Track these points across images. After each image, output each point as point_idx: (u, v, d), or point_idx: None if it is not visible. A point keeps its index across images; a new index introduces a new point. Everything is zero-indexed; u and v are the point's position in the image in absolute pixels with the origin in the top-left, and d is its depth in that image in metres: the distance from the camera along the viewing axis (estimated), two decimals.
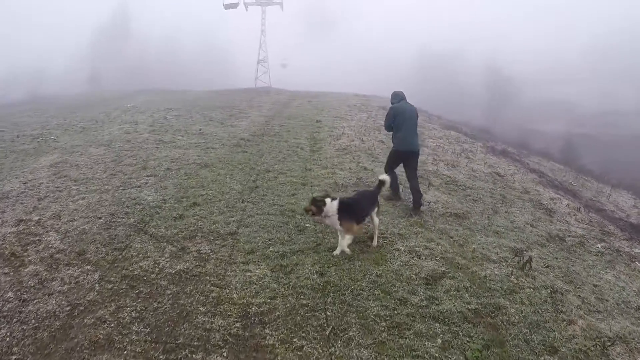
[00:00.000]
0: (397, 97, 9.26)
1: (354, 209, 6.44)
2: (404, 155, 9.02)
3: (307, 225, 7.54)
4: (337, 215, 6.26)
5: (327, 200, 6.33)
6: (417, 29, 55.39)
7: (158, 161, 11.40)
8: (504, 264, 7.01)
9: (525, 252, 7.52)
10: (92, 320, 4.96)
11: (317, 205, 6.26)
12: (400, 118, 8.86)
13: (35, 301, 5.30)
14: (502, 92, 49.34)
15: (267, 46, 44.25)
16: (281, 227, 7.44)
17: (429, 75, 50.92)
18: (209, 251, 6.59)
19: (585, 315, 5.76)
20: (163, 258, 6.39)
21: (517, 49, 51.78)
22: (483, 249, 7.45)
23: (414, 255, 6.67)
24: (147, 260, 6.31)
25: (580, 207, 11.62)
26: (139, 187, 9.46)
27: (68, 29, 45.58)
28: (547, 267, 7.14)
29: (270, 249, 6.64)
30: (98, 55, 45.16)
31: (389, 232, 7.43)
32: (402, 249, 6.82)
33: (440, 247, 7.09)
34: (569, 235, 9.00)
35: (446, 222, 8.39)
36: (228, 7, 32.29)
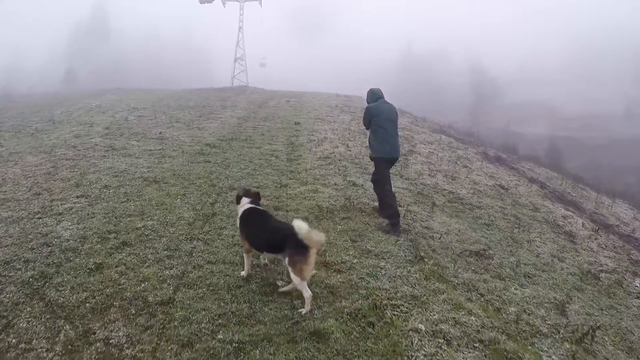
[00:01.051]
0: (374, 95, 7.53)
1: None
2: (389, 163, 7.28)
3: (279, 283, 4.91)
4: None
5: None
6: (400, 29, 53.05)
7: (97, 175, 8.60)
8: (558, 337, 4.64)
9: (566, 305, 5.47)
10: None
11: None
12: (378, 120, 7.13)
13: None
14: (485, 93, 47.46)
15: (245, 44, 41.01)
16: (240, 288, 4.74)
17: (412, 76, 48.82)
18: (124, 341, 3.89)
19: None
20: (51, 354, 3.72)
21: (499, 50, 49.95)
22: (525, 311, 5.05)
23: (442, 339, 4.09)
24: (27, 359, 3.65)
25: (598, 229, 9.43)
26: (59, 214, 6.67)
27: (46, 27, 41.92)
28: (599, 327, 5.05)
29: (220, 335, 3.95)
30: (75, 53, 41.56)
31: (398, 293, 4.82)
32: (423, 328, 4.22)
33: (473, 317, 4.53)
34: (602, 271, 7.09)
35: (469, 267, 5.89)
36: (203, 1, 29.05)
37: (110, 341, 3.87)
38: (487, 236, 7.39)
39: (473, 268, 5.87)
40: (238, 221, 4.96)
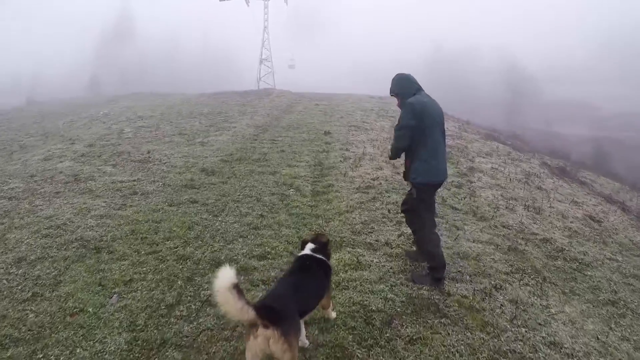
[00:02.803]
0: (411, 84, 4.50)
1: None
2: (435, 188, 4.57)
3: None
4: None
5: None
6: (428, 26, 48.66)
7: (23, 233, 5.36)
8: None
9: None
10: None
11: None
12: (425, 124, 4.22)
13: None
14: (520, 92, 42.75)
15: (271, 44, 37.59)
16: None
17: (442, 75, 44.52)
18: None
19: None
20: None
21: (531, 47, 45.09)
22: None
23: None
24: None
25: None
26: None
27: (71, 34, 39.78)
28: None
29: None
30: (100, 59, 39.29)
31: None
32: None
33: None
34: None
35: None
36: None
37: None
38: (630, 335, 3.77)
39: None
40: None
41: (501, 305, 4.05)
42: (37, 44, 38.64)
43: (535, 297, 4.30)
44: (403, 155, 4.47)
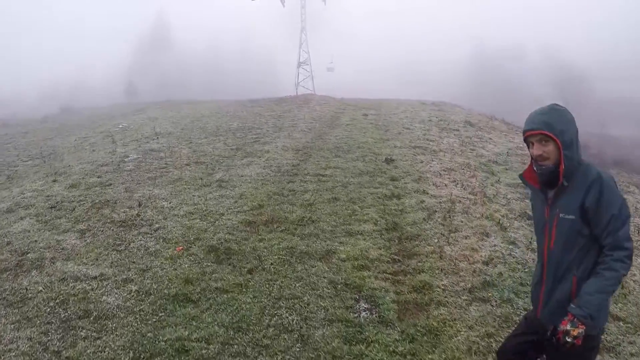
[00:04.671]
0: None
1: None
2: None
3: None
4: None
5: None
6: (469, 24, 43.92)
7: None
8: None
9: None
10: None
11: None
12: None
13: None
14: (570, 91, 37.54)
15: (309, 46, 33.86)
16: None
17: (486, 74, 39.80)
18: None
19: None
20: None
21: (578, 44, 39.68)
22: None
23: None
24: None
25: None
26: None
27: (110, 41, 37.66)
28: None
29: None
30: (138, 66, 36.98)
31: None
32: None
33: None
34: None
35: None
36: None
37: None
38: None
39: None
40: None
41: None
42: (77, 51, 36.64)
43: None
44: None
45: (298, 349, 3.24)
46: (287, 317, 3.63)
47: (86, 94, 34.10)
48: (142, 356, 3.17)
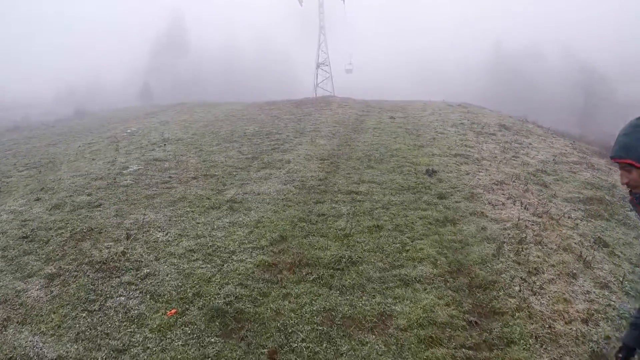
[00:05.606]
0: None
1: None
2: None
3: None
4: None
5: None
6: (487, 23, 41.79)
7: None
8: None
9: None
10: None
11: None
12: None
13: None
14: (594, 92, 35.46)
15: (328, 47, 32.16)
16: None
17: (503, 76, 37.84)
18: None
19: None
20: None
21: (599, 43, 37.35)
22: None
23: None
24: None
25: None
26: None
27: (125, 42, 36.71)
28: None
29: None
30: (153, 68, 35.92)
31: None
32: None
33: None
34: None
35: None
36: None
37: None
38: None
39: None
40: None
41: None
42: (93, 53, 35.76)
43: None
44: None
45: None
46: None
47: (102, 96, 33.26)
48: None
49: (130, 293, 3.72)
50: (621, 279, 4.14)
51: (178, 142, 10.19)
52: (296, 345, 3.05)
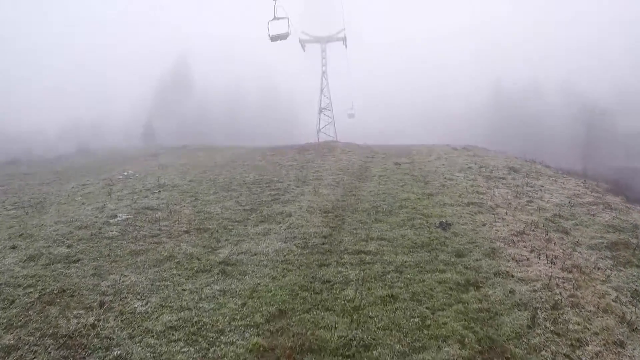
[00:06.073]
0: None
1: None
2: None
3: None
4: None
5: None
6: (487, 65, 42.25)
7: None
8: None
9: None
10: None
11: None
12: None
13: None
14: (594, 127, 35.30)
15: (331, 91, 32.25)
16: None
17: (505, 113, 37.84)
18: None
19: None
20: None
21: (600, 77, 37.54)
22: None
23: None
24: None
25: None
26: None
27: (131, 82, 36.99)
28: None
29: None
30: (157, 108, 36.00)
31: None
32: None
33: None
34: None
35: None
36: (275, 38, 21.12)
37: None
38: None
39: None
40: None
41: None
42: (99, 91, 35.94)
43: None
44: None
45: None
46: None
47: (106, 134, 33.08)
48: None
49: None
50: None
51: (173, 189, 9.60)
52: None
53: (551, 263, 5.39)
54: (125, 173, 13.18)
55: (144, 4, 45.49)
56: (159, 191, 9.43)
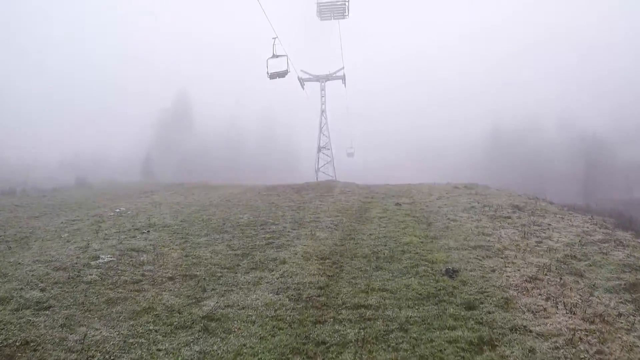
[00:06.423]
0: None
1: None
2: None
3: None
4: None
5: None
6: (485, 102, 42.68)
7: None
8: None
9: None
10: None
11: None
12: None
13: None
14: (594, 159, 35.24)
15: (330, 130, 32.25)
16: None
17: (506, 151, 37.82)
18: None
19: None
20: None
21: (597, 110, 37.78)
22: None
23: None
24: None
25: None
26: None
27: (132, 117, 37.26)
28: None
29: None
30: (157, 144, 36.04)
31: None
32: None
33: None
34: None
35: None
36: (274, 76, 21.15)
37: None
38: None
39: None
40: None
41: None
42: (100, 124, 36.15)
43: None
44: None
45: None
46: None
47: (105, 167, 32.96)
48: None
49: None
50: None
51: (163, 229, 9.10)
52: None
53: (570, 313, 4.94)
54: (118, 210, 12.72)
55: (147, 41, 46.71)
56: (148, 231, 8.93)
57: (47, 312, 4.85)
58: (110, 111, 37.27)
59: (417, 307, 5.02)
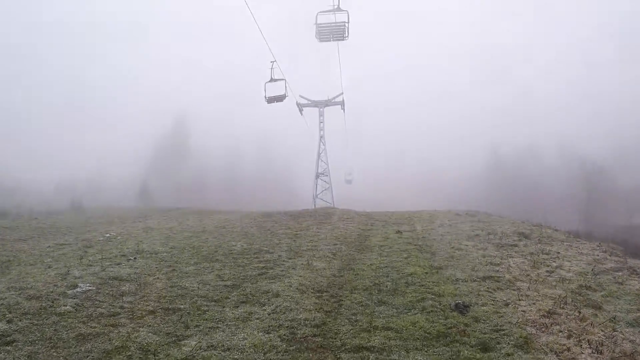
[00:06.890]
0: None
1: None
2: None
3: None
4: None
5: None
6: (484, 129, 42.44)
7: None
8: None
9: None
10: None
11: None
12: None
13: None
14: (594, 185, 34.97)
15: (328, 156, 31.98)
16: None
17: (506, 177, 37.49)
18: None
19: None
20: None
21: (595, 135, 37.57)
22: None
23: None
24: None
25: None
26: None
27: (127, 141, 36.99)
28: None
29: None
30: (154, 168, 35.67)
31: None
32: None
33: None
34: None
35: None
36: (272, 100, 20.88)
37: None
38: None
39: None
40: None
41: None
42: (97, 149, 35.71)
43: None
44: None
45: None
46: None
47: (101, 192, 32.30)
48: None
49: None
50: None
51: (151, 257, 8.52)
52: None
53: (597, 352, 4.41)
54: (107, 235, 12.18)
55: (143, 64, 46.90)
56: (135, 258, 8.35)
57: (10, 347, 4.28)
58: (106, 134, 37.02)
59: (426, 349, 4.43)
